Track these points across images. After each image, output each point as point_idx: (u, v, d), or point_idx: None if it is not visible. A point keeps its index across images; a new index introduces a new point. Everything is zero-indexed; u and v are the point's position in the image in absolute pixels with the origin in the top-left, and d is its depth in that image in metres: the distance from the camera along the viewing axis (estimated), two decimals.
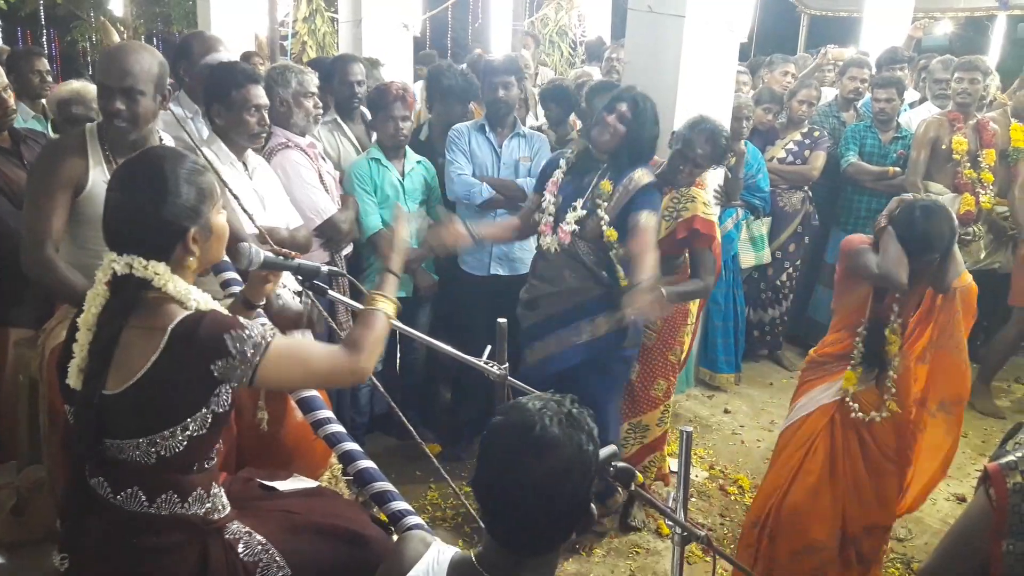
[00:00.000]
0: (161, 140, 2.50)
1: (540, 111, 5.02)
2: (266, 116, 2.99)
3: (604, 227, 2.97)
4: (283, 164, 3.34)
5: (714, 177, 4.35)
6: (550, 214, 3.10)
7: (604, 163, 3.06)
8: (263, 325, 1.73)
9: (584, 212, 3.01)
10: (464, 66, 4.80)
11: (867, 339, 2.75)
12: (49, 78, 4.80)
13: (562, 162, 3.16)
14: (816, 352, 2.94)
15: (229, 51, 3.60)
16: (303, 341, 1.99)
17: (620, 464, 1.60)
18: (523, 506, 1.37)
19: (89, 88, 3.26)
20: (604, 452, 1.58)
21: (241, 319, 1.64)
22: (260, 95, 2.96)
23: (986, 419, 4.64)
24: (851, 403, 2.76)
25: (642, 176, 3.00)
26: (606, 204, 2.97)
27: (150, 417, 1.58)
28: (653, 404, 3.43)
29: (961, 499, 3.76)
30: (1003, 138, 4.77)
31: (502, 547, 1.42)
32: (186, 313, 1.60)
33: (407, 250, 2.03)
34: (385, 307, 1.84)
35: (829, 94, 5.87)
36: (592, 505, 1.42)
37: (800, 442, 2.85)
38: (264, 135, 3.04)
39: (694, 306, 3.52)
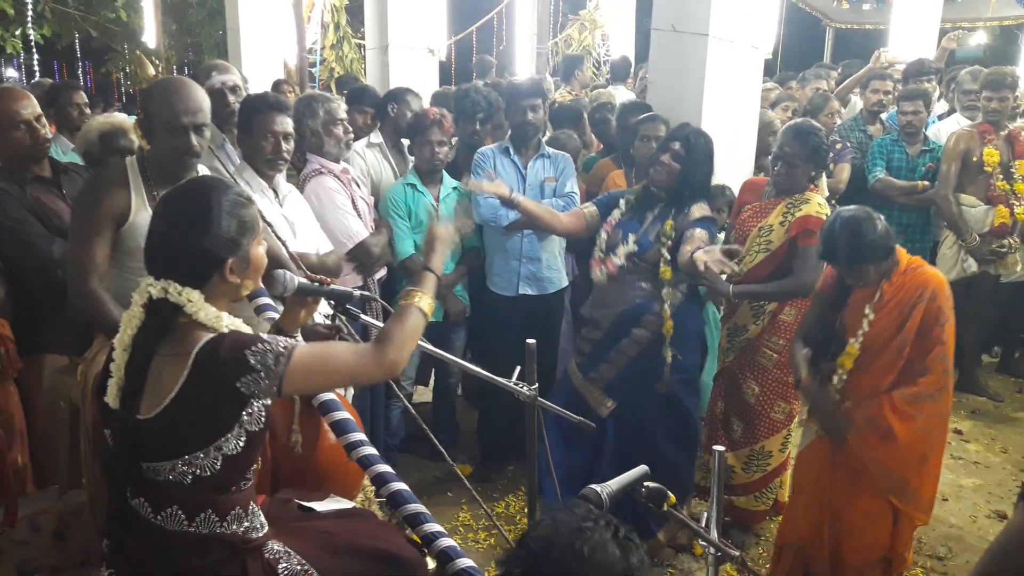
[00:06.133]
0: (198, 171, 2.56)
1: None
2: (284, 144, 3.01)
3: (663, 264, 3.13)
4: (316, 190, 3.41)
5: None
6: (602, 250, 3.27)
7: (663, 200, 3.22)
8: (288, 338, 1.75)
9: (636, 248, 3.17)
10: (484, 82, 4.90)
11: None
12: (87, 111, 4.91)
13: (622, 203, 3.32)
14: None
15: (231, 73, 3.65)
16: (328, 344, 1.99)
17: (652, 485, 1.60)
18: None
19: (128, 119, 3.35)
20: (635, 473, 1.59)
21: (261, 334, 1.67)
22: (279, 122, 3.00)
23: None
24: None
25: (696, 211, 3.16)
26: (669, 243, 3.13)
27: (183, 439, 1.62)
28: (774, 428, 3.31)
29: (1003, 516, 3.68)
30: None
31: None
32: (209, 336, 1.64)
33: (447, 250, 2.00)
34: (420, 302, 1.83)
35: (858, 104, 5.84)
36: None
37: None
38: (282, 163, 3.06)
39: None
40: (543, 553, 1.33)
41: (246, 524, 1.74)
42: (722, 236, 4.07)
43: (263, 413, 1.67)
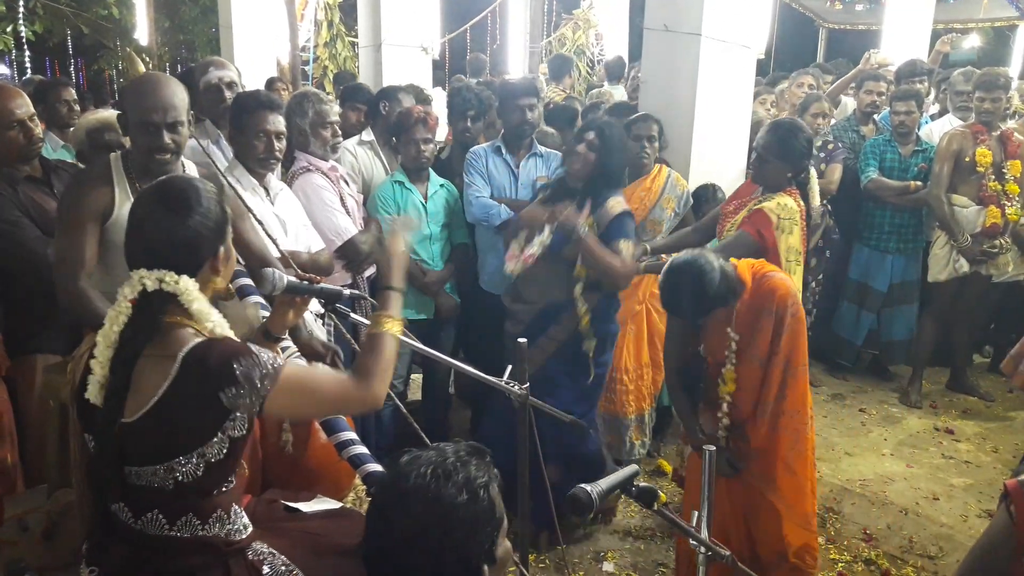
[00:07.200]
0: (184, 167, 2.55)
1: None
2: (276, 143, 3.01)
3: (579, 262, 3.16)
4: (304, 188, 3.40)
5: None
6: (519, 244, 3.27)
7: (578, 192, 3.22)
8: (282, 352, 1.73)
9: (551, 239, 3.17)
10: (476, 81, 4.90)
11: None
12: (77, 108, 4.89)
13: (538, 196, 3.34)
14: None
15: (228, 69, 3.65)
16: (314, 371, 1.97)
17: (642, 484, 1.60)
18: (396, 562, 1.33)
19: (114, 115, 3.34)
20: (625, 472, 1.59)
21: (251, 346, 1.66)
22: (271, 121, 2.99)
23: (1018, 435, 4.57)
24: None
25: (615, 205, 3.20)
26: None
27: (165, 444, 1.60)
28: None
29: (993, 516, 3.69)
30: None
31: None
32: (198, 340, 1.62)
33: (406, 263, 1.99)
34: (390, 327, 1.83)
35: (850, 105, 5.85)
36: (485, 567, 1.35)
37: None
38: (274, 161, 3.06)
39: None
40: (373, 523, 1.39)
41: (229, 526, 1.72)
42: None
43: (247, 420, 1.65)
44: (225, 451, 1.63)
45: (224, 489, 1.71)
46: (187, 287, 1.63)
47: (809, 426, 2.75)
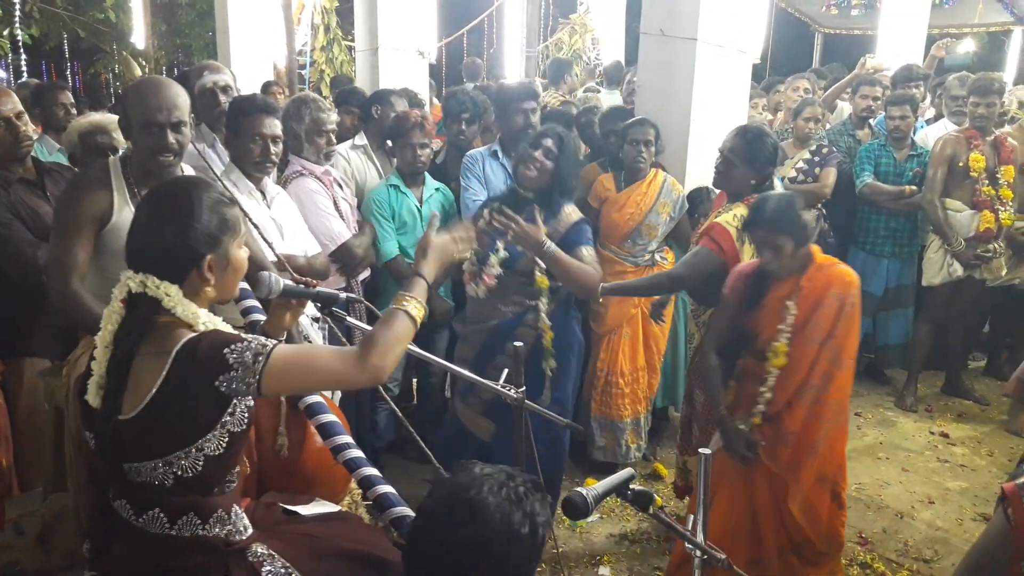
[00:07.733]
0: (182, 171, 2.54)
1: None
2: (272, 146, 3.00)
3: (539, 273, 3.02)
4: (297, 192, 3.40)
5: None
6: (472, 263, 3.14)
7: (530, 202, 3.07)
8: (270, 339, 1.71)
9: (507, 254, 3.04)
10: (473, 85, 4.89)
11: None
12: (74, 111, 4.89)
13: (485, 211, 3.15)
14: None
15: (222, 72, 3.64)
16: (308, 344, 1.95)
17: (637, 488, 1.60)
18: (442, 569, 1.34)
19: (109, 118, 3.34)
20: (620, 476, 1.59)
21: (241, 333, 1.66)
22: (268, 125, 2.99)
23: (1013, 439, 4.58)
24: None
25: (571, 213, 3.11)
26: None
27: (164, 439, 1.60)
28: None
29: (989, 519, 3.70)
30: (1021, 154, 4.74)
31: None
32: (190, 335, 1.62)
33: (442, 257, 1.91)
34: (409, 307, 1.76)
35: (846, 110, 5.86)
36: None
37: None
38: (270, 165, 3.06)
39: None
40: (434, 520, 1.40)
41: (229, 527, 1.73)
42: None
43: (246, 414, 1.66)
44: (224, 446, 1.63)
45: (225, 488, 1.72)
46: (168, 292, 1.63)
47: (846, 420, 2.85)
